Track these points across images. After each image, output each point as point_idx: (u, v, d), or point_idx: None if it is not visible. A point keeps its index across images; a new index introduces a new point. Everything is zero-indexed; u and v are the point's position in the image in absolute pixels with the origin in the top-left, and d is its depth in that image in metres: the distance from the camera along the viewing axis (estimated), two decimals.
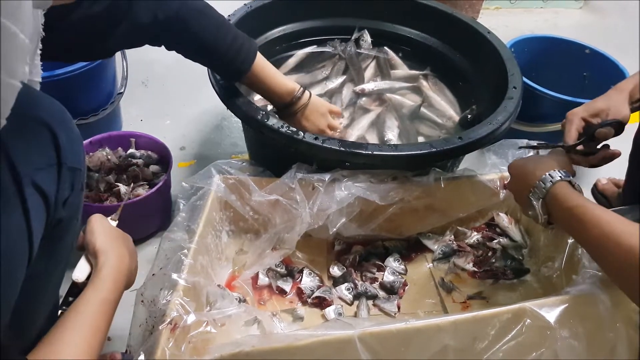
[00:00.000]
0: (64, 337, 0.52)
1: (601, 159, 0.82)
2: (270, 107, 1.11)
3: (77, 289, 0.64)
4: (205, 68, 1.00)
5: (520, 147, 0.94)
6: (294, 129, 0.87)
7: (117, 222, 0.76)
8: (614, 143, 0.87)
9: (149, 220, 1.05)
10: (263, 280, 0.90)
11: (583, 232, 0.64)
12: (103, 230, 0.66)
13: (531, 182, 0.72)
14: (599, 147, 0.83)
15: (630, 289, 0.58)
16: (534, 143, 0.93)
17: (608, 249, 0.60)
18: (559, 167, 0.73)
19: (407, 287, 0.93)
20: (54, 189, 0.52)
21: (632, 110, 0.84)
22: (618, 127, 0.81)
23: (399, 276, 0.93)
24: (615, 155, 0.82)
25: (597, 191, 1.22)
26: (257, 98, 1.15)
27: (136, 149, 1.10)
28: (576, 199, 0.67)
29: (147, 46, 0.81)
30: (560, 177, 0.70)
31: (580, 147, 0.82)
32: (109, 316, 0.58)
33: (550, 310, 0.64)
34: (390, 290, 0.91)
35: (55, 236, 0.55)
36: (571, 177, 0.72)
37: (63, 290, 0.67)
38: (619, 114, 0.81)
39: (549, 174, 0.71)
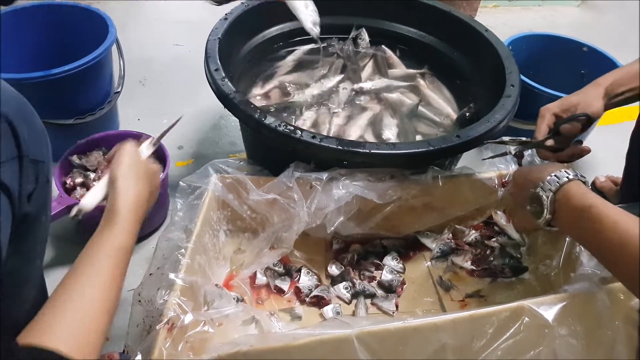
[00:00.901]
0: (82, 293, 0.51)
1: (570, 155, 0.81)
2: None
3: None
4: (203, 67, 0.99)
5: (486, 142, 0.91)
6: (292, 128, 0.86)
7: (153, 149, 0.76)
8: (612, 142, 0.87)
9: (146, 219, 1.05)
10: (261, 279, 0.90)
11: (597, 233, 0.61)
12: (129, 161, 0.65)
13: (541, 178, 0.69)
14: (573, 142, 0.82)
15: None
16: (506, 138, 0.91)
17: (625, 252, 0.56)
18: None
19: (405, 285, 0.93)
20: (16, 183, 0.51)
21: (609, 107, 0.83)
22: (586, 121, 0.80)
23: (397, 275, 0.93)
24: (584, 152, 0.81)
25: (595, 189, 1.22)
26: (256, 96, 1.15)
27: None
28: (593, 198, 0.63)
29: (144, 45, 0.80)
30: (576, 175, 0.68)
31: (551, 143, 0.82)
32: (125, 264, 0.57)
33: (549, 309, 0.64)
34: (389, 289, 0.91)
35: (23, 232, 0.54)
36: (585, 178, 0.68)
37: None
38: (588, 108, 0.80)
39: (565, 171, 0.68)
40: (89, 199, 0.63)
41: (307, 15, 1.01)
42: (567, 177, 0.67)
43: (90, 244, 0.57)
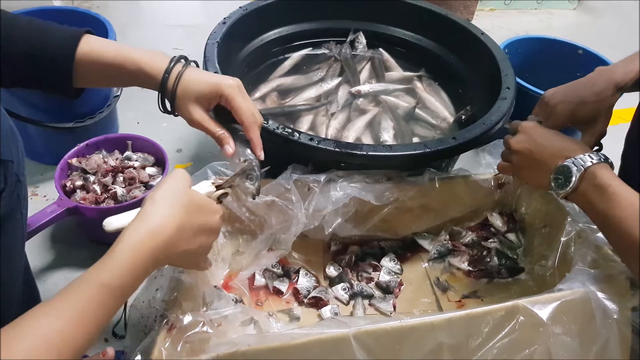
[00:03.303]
0: (40, 323, 0.43)
1: None
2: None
3: None
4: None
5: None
6: (290, 130, 0.87)
7: (212, 189, 0.63)
8: (608, 143, 0.88)
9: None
10: (259, 280, 0.91)
11: (610, 209, 0.64)
12: (171, 185, 0.56)
13: (573, 152, 0.71)
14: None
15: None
16: None
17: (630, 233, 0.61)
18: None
19: (402, 286, 0.93)
20: None
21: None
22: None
23: (395, 276, 0.94)
24: None
25: None
26: (254, 99, 1.16)
27: (133, 151, 1.11)
28: (615, 179, 0.66)
29: (144, 46, 0.81)
30: (607, 159, 0.70)
31: None
32: (105, 305, 0.47)
33: (543, 307, 0.64)
34: (386, 290, 0.92)
35: None
36: (613, 164, 0.71)
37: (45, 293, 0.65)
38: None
39: (599, 154, 0.70)
40: (114, 218, 0.56)
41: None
42: (600, 159, 0.69)
43: (84, 273, 0.48)
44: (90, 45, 0.65)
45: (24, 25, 0.63)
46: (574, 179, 0.68)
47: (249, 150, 0.73)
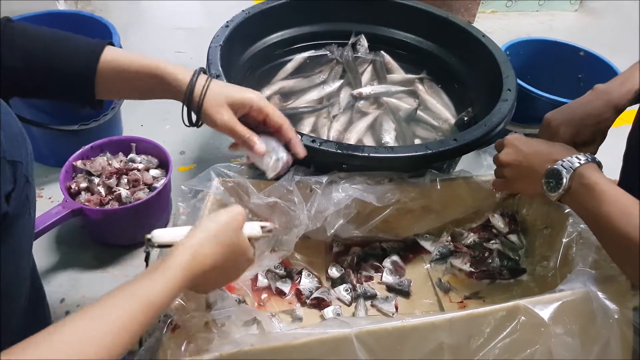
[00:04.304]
0: (81, 332, 0.44)
1: None
2: None
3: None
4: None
5: None
6: None
7: (257, 233, 0.67)
8: (609, 144, 0.89)
9: (148, 223, 1.06)
10: (262, 281, 0.91)
11: (598, 207, 0.66)
12: (225, 221, 0.59)
13: (560, 156, 0.73)
14: None
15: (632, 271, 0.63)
16: None
17: (617, 228, 0.62)
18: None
19: None
20: None
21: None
22: None
23: (399, 278, 0.94)
24: None
25: None
26: None
27: (137, 153, 1.11)
28: (601, 178, 0.68)
29: (147, 52, 0.82)
30: (594, 159, 0.72)
31: None
32: (146, 321, 0.48)
33: (544, 308, 0.65)
34: (399, 290, 0.92)
35: (1, 231, 0.53)
36: (601, 163, 0.73)
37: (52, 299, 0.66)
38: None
39: (585, 155, 0.72)
40: (162, 232, 0.59)
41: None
42: (587, 160, 0.71)
43: (128, 285, 0.50)
44: (112, 56, 0.67)
45: (46, 37, 0.65)
46: (564, 180, 0.70)
47: (282, 149, 0.78)
